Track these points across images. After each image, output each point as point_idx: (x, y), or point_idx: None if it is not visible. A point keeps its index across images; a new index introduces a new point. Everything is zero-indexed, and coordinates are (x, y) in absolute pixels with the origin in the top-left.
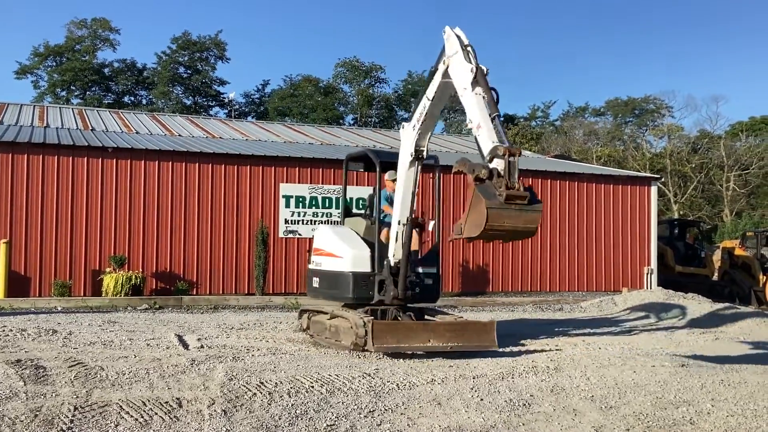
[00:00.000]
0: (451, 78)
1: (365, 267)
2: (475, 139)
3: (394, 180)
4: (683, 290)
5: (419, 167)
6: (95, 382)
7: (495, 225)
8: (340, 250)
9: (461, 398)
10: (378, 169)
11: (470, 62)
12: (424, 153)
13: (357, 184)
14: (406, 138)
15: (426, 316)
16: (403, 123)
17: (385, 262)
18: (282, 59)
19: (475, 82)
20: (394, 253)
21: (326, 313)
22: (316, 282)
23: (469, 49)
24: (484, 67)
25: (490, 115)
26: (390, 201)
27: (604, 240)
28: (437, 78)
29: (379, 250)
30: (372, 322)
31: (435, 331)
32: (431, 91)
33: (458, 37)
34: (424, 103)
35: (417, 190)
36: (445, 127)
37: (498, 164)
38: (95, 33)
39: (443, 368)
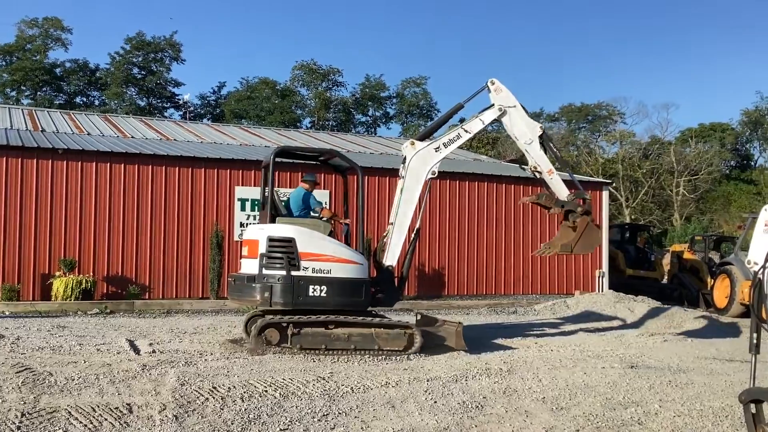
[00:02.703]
0: (503, 123)
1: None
2: (546, 181)
3: (309, 182)
4: (634, 293)
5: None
6: (43, 387)
7: None
8: (354, 256)
9: (415, 401)
10: (359, 175)
11: (535, 121)
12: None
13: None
14: (426, 158)
15: None
16: (413, 141)
17: (390, 268)
18: (238, 61)
19: (541, 138)
20: (396, 258)
21: (319, 324)
22: (318, 290)
23: (522, 106)
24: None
25: (563, 168)
26: (317, 203)
27: None
28: (487, 119)
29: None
30: (461, 327)
31: None
32: (475, 127)
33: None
34: (459, 133)
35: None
36: (402, 131)
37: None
38: (47, 32)
39: (398, 371)
